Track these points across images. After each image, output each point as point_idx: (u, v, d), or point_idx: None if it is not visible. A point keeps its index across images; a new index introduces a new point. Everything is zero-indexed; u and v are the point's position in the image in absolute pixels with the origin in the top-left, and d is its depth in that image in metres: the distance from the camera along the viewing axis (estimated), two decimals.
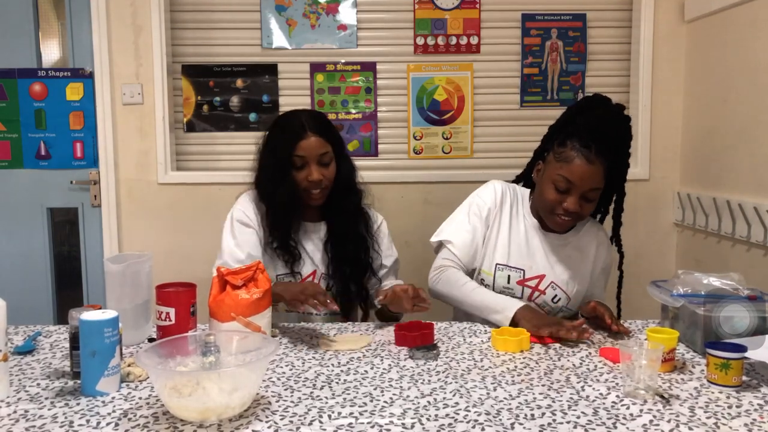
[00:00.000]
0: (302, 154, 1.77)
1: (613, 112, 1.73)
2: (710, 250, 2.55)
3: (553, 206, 1.70)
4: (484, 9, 2.80)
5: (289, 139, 1.77)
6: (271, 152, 1.82)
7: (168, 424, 1.10)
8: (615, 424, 1.10)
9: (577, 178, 1.64)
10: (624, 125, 1.73)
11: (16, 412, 1.15)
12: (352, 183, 1.90)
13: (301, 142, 1.76)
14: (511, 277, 1.77)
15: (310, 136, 1.77)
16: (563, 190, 1.67)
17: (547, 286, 1.77)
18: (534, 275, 1.78)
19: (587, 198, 1.68)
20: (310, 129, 1.78)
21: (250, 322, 1.46)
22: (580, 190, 1.66)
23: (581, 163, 1.63)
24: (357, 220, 1.89)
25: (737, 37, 2.36)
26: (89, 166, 2.81)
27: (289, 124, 1.81)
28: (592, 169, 1.64)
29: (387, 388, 1.26)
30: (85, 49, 2.76)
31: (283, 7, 2.78)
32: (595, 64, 2.85)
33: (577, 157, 1.64)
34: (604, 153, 1.64)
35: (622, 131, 1.72)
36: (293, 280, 1.83)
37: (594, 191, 1.67)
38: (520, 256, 1.79)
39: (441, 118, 2.85)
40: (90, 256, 2.84)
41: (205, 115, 2.85)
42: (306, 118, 1.81)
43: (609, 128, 1.68)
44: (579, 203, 1.67)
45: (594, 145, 1.63)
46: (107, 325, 1.22)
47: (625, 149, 1.74)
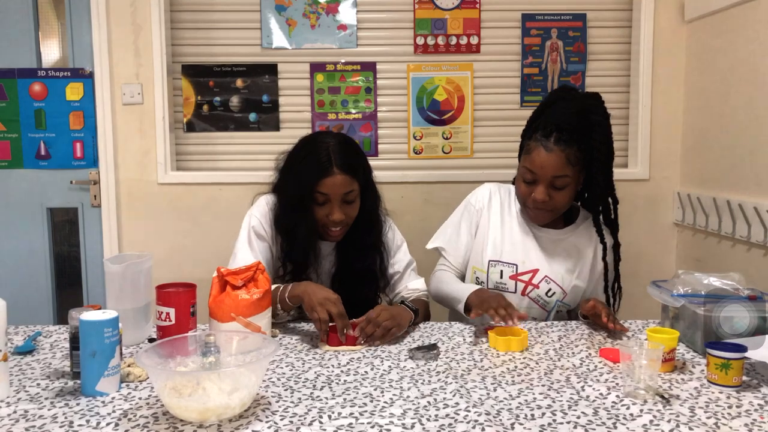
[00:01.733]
0: (326, 192, 1.67)
1: (577, 102, 1.74)
2: (710, 250, 2.55)
3: (525, 199, 1.75)
4: (484, 9, 2.80)
5: (314, 173, 1.66)
6: (293, 180, 1.72)
7: (168, 424, 1.10)
8: (615, 424, 1.10)
9: (537, 167, 1.69)
10: (588, 112, 1.71)
11: (16, 412, 1.15)
12: (374, 216, 1.82)
13: (326, 179, 1.65)
14: (504, 272, 1.79)
15: (336, 173, 1.66)
16: (530, 182, 1.72)
17: (540, 280, 1.78)
18: (527, 270, 1.79)
19: (555, 186, 1.70)
20: (337, 165, 1.66)
21: (250, 322, 1.46)
22: (544, 179, 1.69)
23: (540, 152, 1.68)
24: (372, 257, 1.81)
25: (737, 37, 2.36)
26: (89, 166, 2.81)
27: (317, 153, 1.68)
28: (551, 157, 1.67)
29: (387, 389, 1.26)
30: (85, 49, 2.76)
31: (283, 7, 2.78)
32: (595, 64, 2.85)
33: (535, 148, 1.69)
34: (565, 140, 1.67)
35: (584, 117, 1.70)
36: None
37: (560, 178, 1.69)
38: (512, 251, 1.80)
39: (441, 118, 2.85)
40: (90, 256, 2.84)
41: (205, 115, 2.85)
42: (334, 148, 1.68)
43: (570, 117, 1.69)
44: (547, 192, 1.70)
45: (555, 134, 1.67)
46: (107, 325, 1.22)
47: (595, 134, 1.69)
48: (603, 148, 1.72)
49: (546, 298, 1.78)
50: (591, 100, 1.75)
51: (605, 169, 1.76)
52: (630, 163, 2.87)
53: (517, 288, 1.79)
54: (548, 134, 1.68)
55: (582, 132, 1.68)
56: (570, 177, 1.69)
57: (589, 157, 1.70)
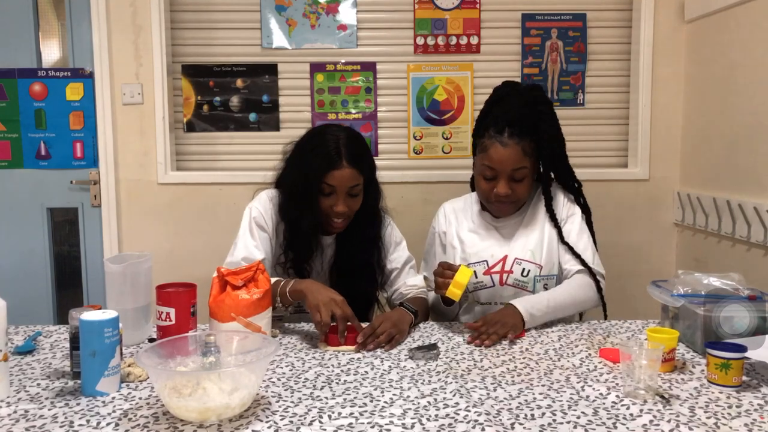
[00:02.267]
0: (333, 184, 1.71)
1: (523, 95, 1.82)
2: (710, 250, 2.55)
3: (487, 195, 1.80)
4: (484, 9, 2.80)
5: (323, 165, 1.70)
6: (300, 171, 1.75)
7: (168, 424, 1.10)
8: (615, 424, 1.10)
9: (496, 163, 1.74)
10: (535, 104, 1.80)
11: (16, 412, 1.15)
12: (375, 210, 1.87)
13: (334, 171, 1.70)
14: (477, 271, 1.82)
15: (345, 167, 1.70)
16: (490, 178, 1.78)
17: (512, 264, 1.82)
18: (497, 261, 1.83)
19: (515, 179, 1.76)
20: (346, 158, 1.70)
21: (250, 322, 1.46)
22: (504, 173, 1.75)
23: (497, 148, 1.74)
24: (371, 250, 1.85)
25: (737, 37, 2.36)
26: (89, 166, 2.81)
27: (326, 145, 1.72)
28: (507, 152, 1.73)
29: (387, 389, 1.26)
30: (85, 49, 2.76)
31: (283, 7, 2.78)
32: (595, 64, 2.85)
33: (491, 145, 1.75)
34: (518, 134, 1.74)
35: (533, 109, 1.79)
36: None
37: (519, 170, 1.75)
38: (479, 250, 1.85)
39: (441, 118, 2.85)
40: (90, 256, 2.84)
41: (205, 115, 2.85)
42: (344, 141, 1.73)
43: (519, 110, 1.76)
44: (508, 185, 1.76)
45: (507, 129, 1.74)
46: (107, 325, 1.22)
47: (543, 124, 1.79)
48: (552, 135, 1.81)
49: (523, 278, 1.80)
50: (535, 92, 1.85)
51: (558, 155, 1.85)
52: (630, 163, 2.87)
53: (494, 280, 1.82)
54: (501, 130, 1.75)
55: (531, 123, 1.76)
56: (527, 168, 1.76)
57: (539, 146, 1.78)
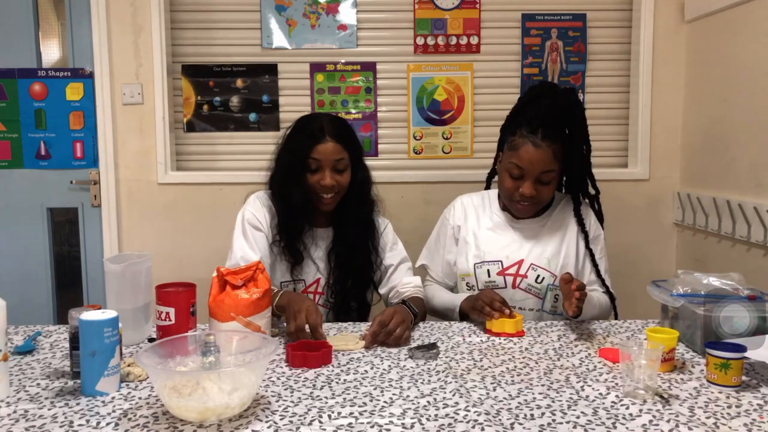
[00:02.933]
0: (318, 158, 1.76)
1: (560, 98, 1.80)
2: (710, 250, 2.55)
3: (511, 193, 1.79)
4: (484, 9, 2.80)
5: (307, 142, 1.77)
6: (288, 152, 1.82)
7: (168, 424, 1.10)
8: (615, 424, 1.10)
9: (526, 163, 1.73)
10: (571, 108, 1.80)
11: (16, 412, 1.15)
12: (366, 193, 1.88)
13: (318, 145, 1.75)
14: (491, 270, 1.82)
15: (328, 140, 1.76)
16: (517, 177, 1.77)
17: (527, 269, 1.81)
18: (512, 263, 1.82)
19: (541, 181, 1.75)
20: (329, 133, 1.77)
21: (250, 322, 1.46)
22: (532, 174, 1.74)
23: (528, 148, 1.73)
24: (365, 231, 1.87)
25: (737, 37, 2.36)
26: (89, 166, 2.81)
27: (309, 126, 1.80)
28: (539, 153, 1.72)
29: (387, 388, 1.26)
30: (85, 49, 2.76)
31: (283, 7, 2.78)
32: (595, 64, 2.85)
33: (523, 144, 1.74)
34: (551, 136, 1.73)
35: (569, 114, 1.78)
36: (296, 288, 1.82)
37: (546, 173, 1.74)
38: (494, 250, 1.84)
39: (441, 118, 2.85)
40: (90, 256, 2.84)
41: (205, 115, 2.85)
42: (327, 122, 1.80)
43: (555, 113, 1.75)
44: (534, 187, 1.75)
45: (541, 130, 1.73)
46: (107, 325, 1.22)
47: (576, 129, 1.80)
48: (583, 142, 1.82)
49: (536, 285, 1.80)
50: (572, 96, 1.84)
51: (586, 162, 1.86)
52: (630, 163, 2.87)
53: (507, 282, 1.81)
54: (534, 130, 1.73)
55: (564, 127, 1.76)
56: (555, 171, 1.76)
57: (569, 151, 1.78)
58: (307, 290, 1.84)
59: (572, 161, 1.81)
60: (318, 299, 1.85)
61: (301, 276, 1.84)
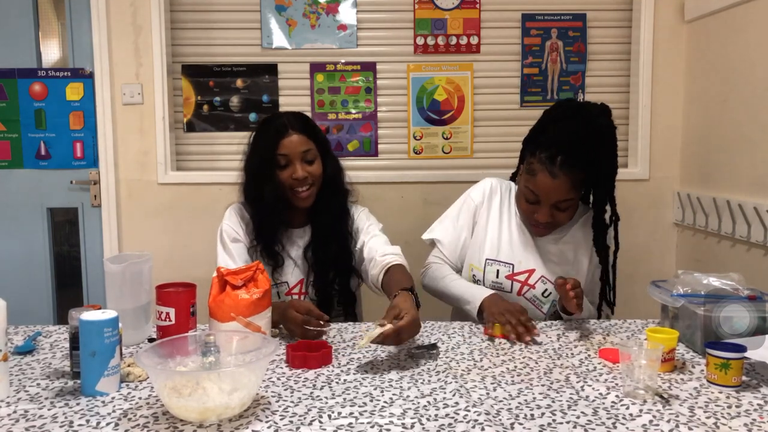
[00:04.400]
0: (285, 152, 1.77)
1: (585, 123, 1.66)
2: (710, 250, 2.55)
3: (527, 215, 1.75)
4: (484, 9, 2.80)
5: (272, 139, 1.78)
6: (255, 153, 1.83)
7: (168, 424, 1.10)
8: (615, 424, 1.10)
9: (542, 192, 1.67)
10: (597, 134, 1.66)
11: (16, 412, 1.15)
12: (339, 182, 1.88)
13: (283, 140, 1.77)
14: (500, 271, 1.79)
15: (292, 134, 1.78)
16: (533, 202, 1.71)
17: (537, 281, 1.78)
18: (523, 270, 1.79)
19: (559, 208, 1.69)
20: (292, 127, 1.78)
21: (250, 322, 1.46)
22: (547, 203, 1.68)
23: (544, 178, 1.64)
24: (340, 218, 1.86)
25: (737, 37, 2.36)
26: (89, 166, 2.81)
27: (272, 124, 1.81)
28: (556, 184, 1.64)
29: (387, 388, 1.26)
30: (85, 49, 2.76)
31: (283, 7, 2.78)
32: (595, 64, 2.85)
33: (540, 171, 1.65)
34: (570, 165, 1.62)
35: (594, 140, 1.65)
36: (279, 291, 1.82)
37: (564, 202, 1.67)
38: (510, 251, 1.81)
39: (441, 118, 2.85)
40: (90, 256, 2.85)
41: (205, 115, 2.85)
42: (288, 117, 1.82)
43: (577, 140, 1.63)
44: (550, 213, 1.69)
45: (560, 158, 1.62)
46: (107, 325, 1.22)
47: (602, 156, 1.67)
48: (609, 169, 1.70)
49: (542, 298, 1.78)
50: (601, 120, 1.68)
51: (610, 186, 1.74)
52: (630, 163, 2.87)
53: (513, 288, 1.79)
54: (552, 158, 1.63)
55: (588, 154, 1.63)
56: (574, 200, 1.69)
57: (595, 178, 1.68)
58: (290, 292, 1.84)
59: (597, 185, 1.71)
60: (303, 299, 1.84)
61: (283, 278, 1.83)
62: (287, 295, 1.83)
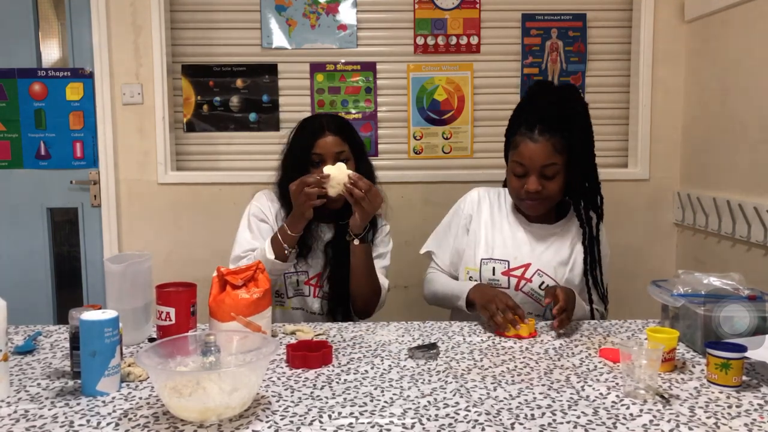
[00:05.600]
0: (319, 152, 1.83)
1: (557, 94, 1.81)
2: (710, 250, 2.55)
3: (518, 192, 1.79)
4: (484, 9, 2.81)
5: (308, 138, 1.84)
6: (291, 152, 1.89)
7: (168, 424, 1.10)
8: (615, 424, 1.10)
9: (526, 159, 1.74)
10: (569, 102, 1.78)
11: (16, 412, 1.15)
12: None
13: (318, 140, 1.83)
14: (496, 268, 1.81)
15: (328, 135, 1.84)
16: (521, 174, 1.76)
17: (533, 274, 1.80)
18: (519, 265, 1.81)
19: (545, 175, 1.74)
20: (328, 129, 1.85)
21: (250, 322, 1.46)
22: (534, 169, 1.74)
23: (526, 146, 1.74)
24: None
25: (737, 37, 2.36)
26: (89, 166, 2.81)
27: (310, 124, 1.89)
28: (538, 147, 1.72)
29: (387, 388, 1.26)
30: (85, 49, 2.76)
31: (283, 7, 2.78)
32: (595, 64, 2.85)
33: (522, 141, 1.75)
34: (549, 130, 1.72)
35: (567, 108, 1.76)
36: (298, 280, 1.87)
37: (549, 167, 1.73)
38: (504, 248, 1.83)
39: (441, 118, 2.85)
40: (90, 256, 2.85)
41: (205, 115, 2.85)
42: (326, 119, 1.89)
43: (552, 108, 1.75)
44: (539, 182, 1.74)
45: (539, 126, 1.73)
46: (107, 325, 1.22)
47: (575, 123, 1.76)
48: (583, 136, 1.78)
49: (540, 291, 1.79)
50: (567, 92, 1.83)
51: (587, 158, 1.82)
52: (630, 163, 2.87)
53: (510, 283, 1.80)
54: (532, 127, 1.74)
55: (563, 121, 1.74)
56: (559, 165, 1.74)
57: (570, 146, 1.75)
58: (309, 282, 1.88)
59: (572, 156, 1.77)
60: (317, 292, 1.88)
61: (304, 268, 1.88)
62: (306, 285, 1.88)
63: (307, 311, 1.90)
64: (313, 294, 1.89)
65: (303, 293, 1.89)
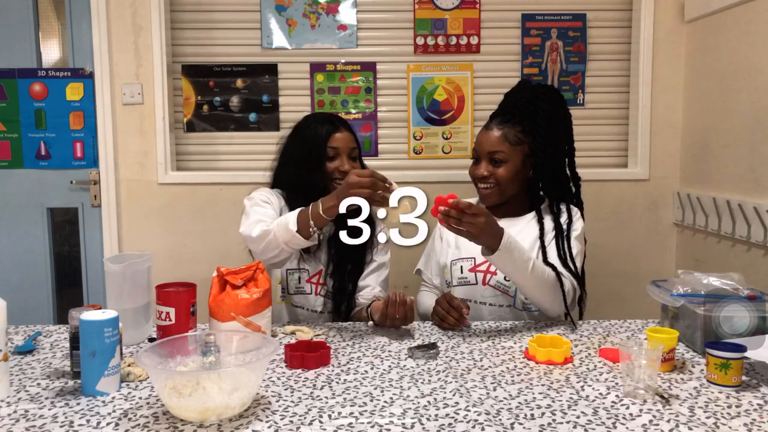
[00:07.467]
0: (336, 146, 1.85)
1: (527, 91, 1.88)
2: (710, 250, 2.55)
3: (472, 177, 1.89)
4: (484, 9, 2.81)
5: (324, 131, 1.86)
6: (302, 144, 1.88)
7: (168, 424, 1.10)
8: (615, 424, 1.10)
9: (477, 144, 1.87)
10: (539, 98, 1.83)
11: (16, 412, 1.15)
12: None
13: (335, 134, 1.86)
14: (464, 266, 1.84)
15: (343, 130, 1.89)
16: (475, 161, 1.88)
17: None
18: (483, 260, 1.78)
19: (494, 160, 1.82)
20: (342, 125, 1.90)
21: (250, 321, 1.46)
22: (483, 155, 1.84)
23: (482, 132, 1.87)
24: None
25: (737, 37, 2.36)
26: (89, 166, 2.81)
27: (322, 119, 1.91)
28: (488, 135, 1.84)
29: (387, 388, 1.26)
30: (85, 49, 2.76)
31: (283, 7, 2.78)
32: (595, 64, 2.85)
33: (481, 130, 1.88)
34: (506, 122, 1.83)
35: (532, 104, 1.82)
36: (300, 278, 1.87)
37: (497, 153, 1.81)
38: (468, 247, 1.80)
39: (441, 118, 2.85)
40: (90, 256, 2.85)
41: (205, 115, 2.85)
42: (334, 116, 1.94)
43: (518, 103, 1.84)
44: (486, 168, 1.83)
45: (498, 117, 1.85)
46: (107, 325, 1.22)
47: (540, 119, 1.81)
48: (547, 130, 1.82)
49: (505, 282, 1.80)
50: (541, 90, 1.88)
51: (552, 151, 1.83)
52: (630, 163, 2.87)
53: (477, 279, 1.82)
54: (492, 118, 1.87)
55: (524, 115, 1.82)
56: (506, 153, 1.81)
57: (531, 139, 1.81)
58: (310, 280, 1.88)
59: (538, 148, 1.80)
60: (320, 290, 1.88)
61: (306, 266, 1.88)
62: (307, 282, 1.89)
63: (309, 309, 1.89)
64: (314, 292, 1.89)
65: (304, 291, 1.89)
